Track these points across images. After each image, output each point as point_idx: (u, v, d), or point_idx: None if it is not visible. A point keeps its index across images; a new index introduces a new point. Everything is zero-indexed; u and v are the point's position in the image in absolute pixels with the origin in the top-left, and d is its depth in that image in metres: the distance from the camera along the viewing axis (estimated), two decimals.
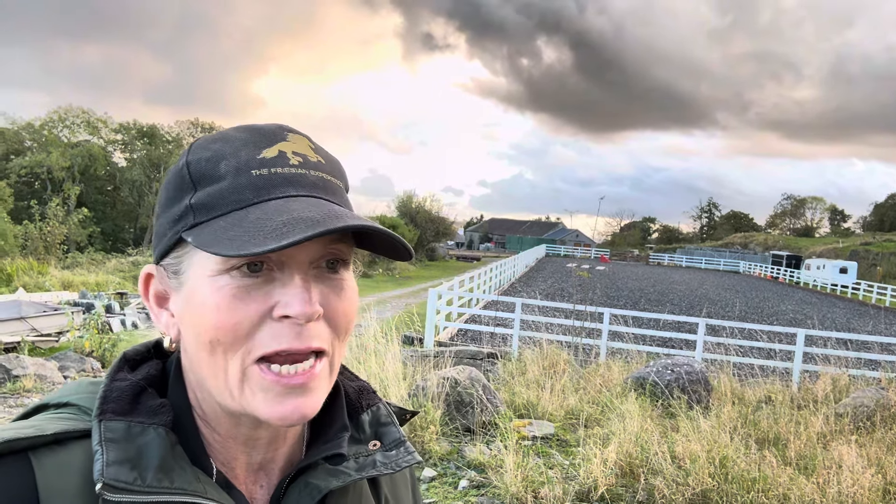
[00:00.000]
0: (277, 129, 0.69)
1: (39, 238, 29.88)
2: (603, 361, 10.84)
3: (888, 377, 9.56)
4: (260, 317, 0.63)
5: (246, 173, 0.64)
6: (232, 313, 0.62)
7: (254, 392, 0.63)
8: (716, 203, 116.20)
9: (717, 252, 74.21)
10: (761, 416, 7.49)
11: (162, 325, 0.70)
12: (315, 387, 0.65)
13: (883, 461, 5.90)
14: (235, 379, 0.63)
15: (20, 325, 11.55)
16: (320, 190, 0.66)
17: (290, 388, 0.63)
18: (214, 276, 0.63)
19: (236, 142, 0.67)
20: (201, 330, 0.64)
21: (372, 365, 7.09)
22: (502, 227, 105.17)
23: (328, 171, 0.69)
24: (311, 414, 0.65)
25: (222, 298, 0.63)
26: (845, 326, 22.23)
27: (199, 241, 0.62)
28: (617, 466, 5.44)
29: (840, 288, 42.13)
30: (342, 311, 0.67)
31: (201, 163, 0.66)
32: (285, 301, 0.63)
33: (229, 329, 0.62)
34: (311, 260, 0.65)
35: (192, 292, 0.65)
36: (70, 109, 54.00)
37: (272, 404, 0.63)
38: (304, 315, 0.62)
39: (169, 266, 0.68)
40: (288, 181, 0.65)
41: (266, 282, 0.63)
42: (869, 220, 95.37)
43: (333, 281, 0.67)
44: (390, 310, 17.64)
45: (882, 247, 60.49)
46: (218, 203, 0.64)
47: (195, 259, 0.65)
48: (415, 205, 55.86)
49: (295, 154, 0.67)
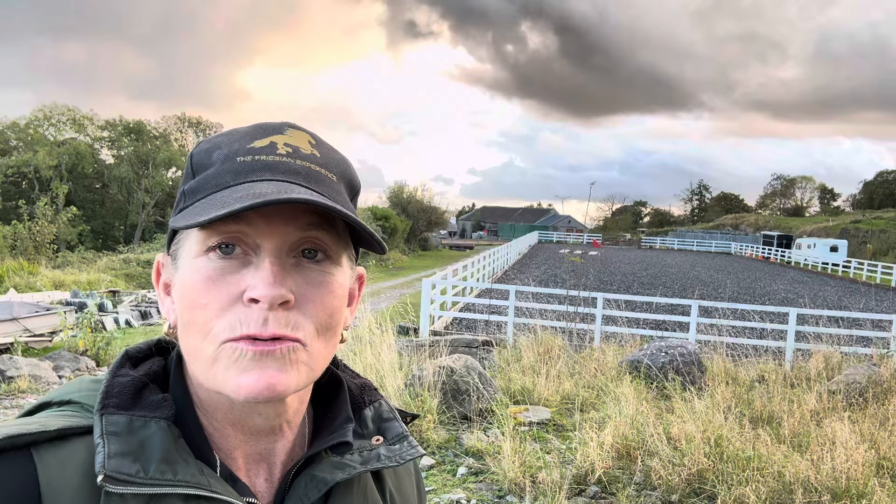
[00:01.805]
0: (280, 125, 0.70)
1: (29, 238, 29.64)
2: (597, 346, 10.90)
3: (880, 353, 9.66)
4: (231, 300, 0.63)
5: (232, 160, 0.66)
6: (203, 294, 0.63)
7: (226, 367, 0.62)
8: (706, 185, 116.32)
9: (709, 234, 74.43)
10: (755, 396, 7.56)
11: (165, 311, 0.72)
12: (284, 360, 0.63)
13: (875, 437, 5.98)
14: (209, 359, 0.63)
15: (13, 325, 11.49)
16: (301, 177, 0.65)
17: (259, 356, 0.62)
18: (195, 258, 0.65)
19: (237, 134, 0.69)
20: (181, 310, 0.66)
21: (368, 356, 7.10)
22: (494, 214, 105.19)
23: (319, 164, 0.68)
24: (282, 390, 0.63)
25: (198, 279, 0.64)
26: (837, 304, 22.39)
27: (172, 220, 0.65)
28: (613, 449, 5.49)
29: (831, 266, 42.38)
30: (320, 303, 0.66)
31: (201, 154, 0.69)
32: (253, 284, 0.62)
33: (200, 309, 0.63)
34: (287, 246, 0.65)
35: (181, 276, 0.67)
36: (55, 107, 53.46)
37: (240, 375, 0.62)
38: (266, 297, 0.61)
39: (172, 253, 0.70)
40: (268, 167, 0.65)
41: (242, 265, 0.64)
42: (858, 197, 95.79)
43: (314, 272, 0.66)
44: (384, 300, 17.66)
45: (872, 224, 60.86)
46: (202, 187, 0.66)
47: (186, 244, 0.67)
48: (406, 195, 55.71)
49: (286, 146, 0.67)
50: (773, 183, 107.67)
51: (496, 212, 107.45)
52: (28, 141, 51.16)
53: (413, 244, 52.67)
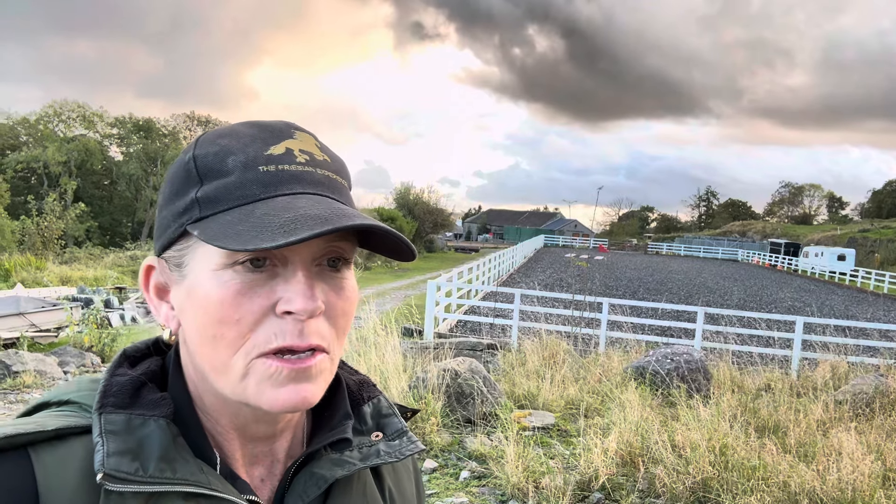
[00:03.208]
0: (285, 127, 0.69)
1: (37, 233, 29.83)
2: (602, 351, 10.87)
3: (887, 364, 9.59)
4: (263, 312, 0.63)
5: (253, 169, 0.64)
6: (235, 309, 0.63)
7: (259, 382, 0.63)
8: (714, 191, 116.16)
9: (716, 240, 74.28)
10: (761, 404, 7.52)
11: (161, 318, 0.70)
12: (317, 374, 0.65)
13: (882, 448, 5.92)
14: (239, 373, 0.63)
15: (19, 320, 11.53)
16: (326, 188, 0.67)
17: (296, 373, 0.63)
18: (218, 271, 0.63)
19: (244, 137, 0.67)
20: (205, 324, 0.64)
21: (372, 357, 7.09)
22: (500, 217, 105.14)
23: (334, 170, 0.69)
24: (313, 400, 0.65)
25: (226, 293, 0.63)
26: (844, 313, 22.28)
27: (206, 234, 0.62)
28: (617, 456, 5.46)
29: (838, 275, 42.21)
30: (342, 310, 0.67)
31: (209, 157, 0.66)
32: (288, 297, 0.63)
33: (233, 324, 0.63)
34: (314, 257, 0.65)
35: (195, 286, 0.65)
36: (65, 104, 53.84)
37: (276, 390, 0.63)
38: (306, 311, 0.62)
39: (171, 259, 0.68)
40: (295, 178, 0.65)
41: (269, 278, 0.63)
42: (867, 206, 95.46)
43: (335, 279, 0.67)
44: (389, 302, 17.65)
45: (880, 234, 60.61)
46: (225, 197, 0.64)
47: (199, 253, 0.65)
48: (412, 196, 55.81)
49: (302, 152, 0.67)
50: (781, 190, 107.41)
51: (502, 215, 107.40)
52: (38, 137, 51.51)
53: (418, 246, 52.74)
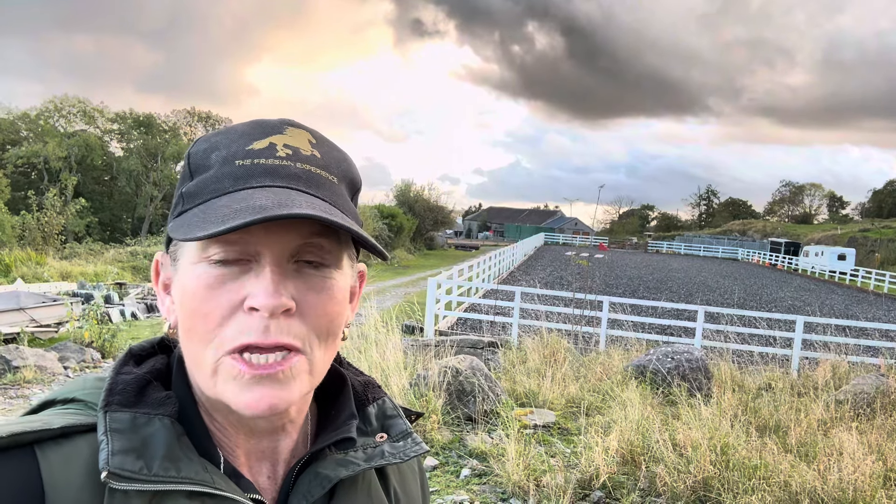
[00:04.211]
0: (279, 123, 0.69)
1: (37, 228, 29.82)
2: (603, 349, 10.86)
3: (888, 364, 9.59)
4: (231, 308, 0.63)
5: (230, 163, 0.65)
6: (204, 303, 0.63)
7: (225, 381, 0.63)
8: (714, 190, 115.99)
9: (716, 239, 74.21)
10: (762, 404, 7.52)
11: (164, 311, 0.72)
12: (286, 379, 0.64)
13: (883, 448, 5.92)
14: (209, 369, 0.64)
15: (19, 315, 11.52)
16: (302, 182, 0.65)
17: (259, 378, 0.62)
18: (195, 264, 0.64)
19: (234, 134, 0.67)
20: (182, 317, 0.65)
21: (373, 354, 7.09)
22: (500, 215, 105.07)
23: (320, 166, 0.67)
24: (282, 406, 0.64)
25: (198, 286, 0.63)
26: (844, 313, 22.27)
27: (171, 226, 0.64)
28: (618, 454, 5.46)
29: (838, 275, 42.17)
30: (321, 309, 0.65)
31: (199, 154, 0.67)
32: (254, 292, 0.62)
33: (202, 317, 0.63)
34: (289, 253, 0.64)
35: (181, 279, 0.66)
36: (66, 99, 53.68)
37: (241, 393, 0.63)
38: (267, 307, 0.61)
39: (171, 253, 0.69)
40: (268, 172, 0.64)
41: (241, 273, 0.63)
42: (867, 206, 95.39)
43: (314, 277, 0.65)
44: (390, 299, 17.65)
45: (880, 233, 60.57)
46: (200, 191, 0.65)
47: (186, 247, 0.66)
48: (413, 193, 55.77)
49: (286, 147, 0.67)
50: (781, 189, 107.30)
51: (502, 212, 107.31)
52: (38, 132, 51.41)
53: (419, 243, 52.68)
